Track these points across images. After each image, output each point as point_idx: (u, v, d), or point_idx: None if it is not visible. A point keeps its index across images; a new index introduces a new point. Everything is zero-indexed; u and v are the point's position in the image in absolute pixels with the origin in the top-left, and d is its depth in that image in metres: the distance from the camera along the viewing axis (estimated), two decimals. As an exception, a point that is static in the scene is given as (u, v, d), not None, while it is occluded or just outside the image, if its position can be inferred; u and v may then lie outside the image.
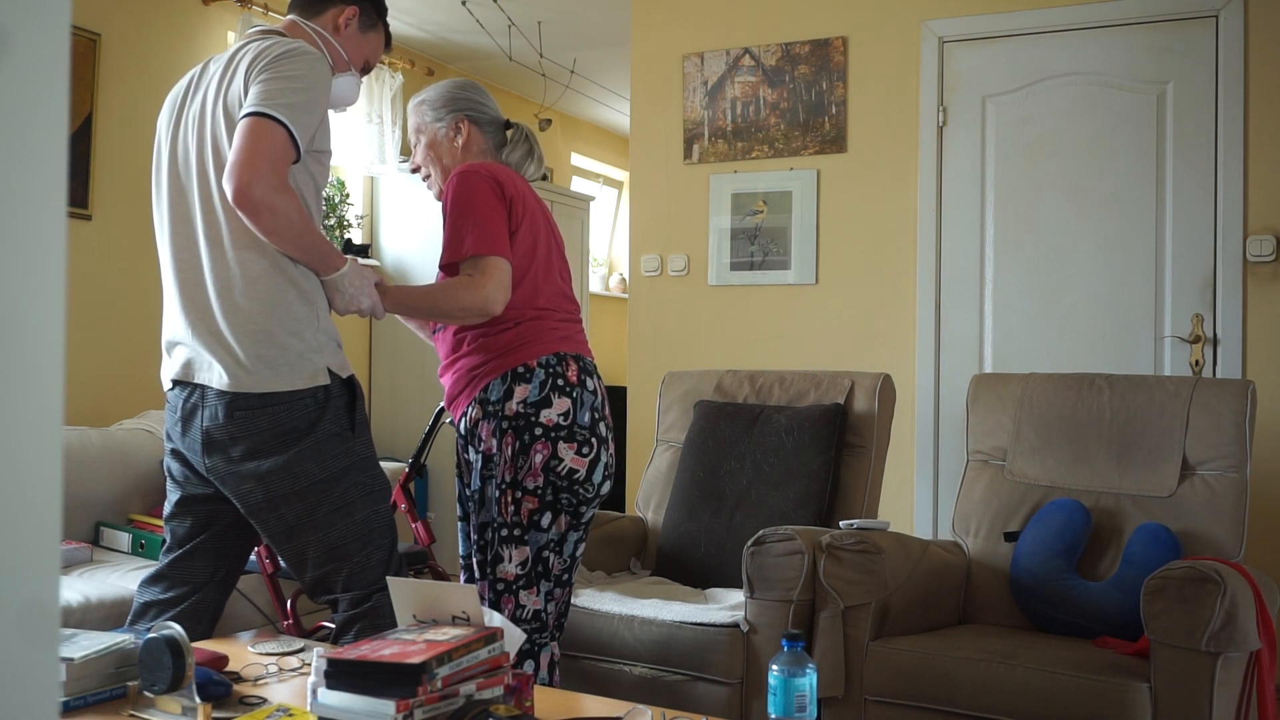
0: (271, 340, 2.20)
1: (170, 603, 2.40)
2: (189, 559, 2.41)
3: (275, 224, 2.13)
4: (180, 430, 2.30)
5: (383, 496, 2.35)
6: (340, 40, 2.43)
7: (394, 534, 2.37)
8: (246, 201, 2.10)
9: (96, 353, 4.18)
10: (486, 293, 2.36)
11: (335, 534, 2.27)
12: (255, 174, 2.09)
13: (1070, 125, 4.01)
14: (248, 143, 2.11)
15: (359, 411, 2.31)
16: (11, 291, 0.59)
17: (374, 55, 2.53)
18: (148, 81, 4.44)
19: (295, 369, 2.21)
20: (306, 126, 2.18)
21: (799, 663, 1.86)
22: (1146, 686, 2.40)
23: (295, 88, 2.17)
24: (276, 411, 2.20)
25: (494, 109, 2.66)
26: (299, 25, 2.42)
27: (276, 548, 2.32)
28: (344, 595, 2.31)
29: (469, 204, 2.41)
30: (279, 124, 2.12)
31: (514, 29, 5.64)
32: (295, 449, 2.21)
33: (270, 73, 2.18)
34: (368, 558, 2.30)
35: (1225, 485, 2.89)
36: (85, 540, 3.59)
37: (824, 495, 3.23)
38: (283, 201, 2.12)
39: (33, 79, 0.60)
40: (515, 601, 2.44)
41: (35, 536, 0.61)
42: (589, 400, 2.47)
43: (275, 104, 2.13)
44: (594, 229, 7.56)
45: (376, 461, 2.36)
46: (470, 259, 2.39)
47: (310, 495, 2.24)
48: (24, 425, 0.60)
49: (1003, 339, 4.08)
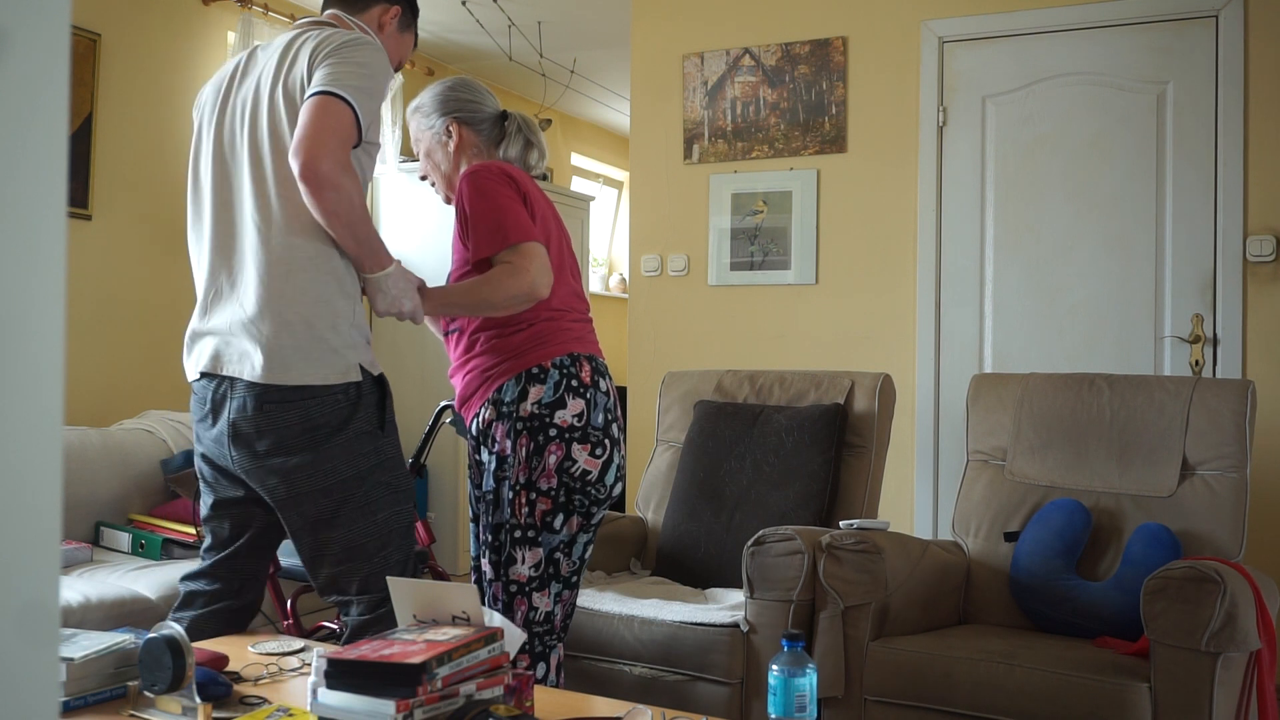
0: (310, 331, 2.17)
1: (216, 595, 2.39)
2: (233, 560, 2.39)
3: (338, 204, 2.10)
4: (209, 422, 2.27)
5: (406, 497, 2.33)
6: (382, 38, 2.42)
7: (413, 538, 2.34)
8: (314, 176, 2.07)
9: (96, 353, 4.18)
10: (531, 277, 2.33)
11: (356, 532, 2.24)
12: (324, 149, 2.06)
13: (1070, 125, 4.01)
14: (316, 119, 2.08)
15: (389, 410, 2.29)
16: (11, 291, 0.59)
17: (406, 56, 2.53)
18: (148, 81, 4.44)
19: (329, 363, 2.18)
20: (369, 113, 2.18)
21: (799, 663, 1.86)
22: (1146, 686, 2.40)
23: (362, 73, 2.16)
24: (308, 406, 2.17)
25: (487, 104, 2.61)
26: (345, 19, 2.39)
27: (296, 542, 2.30)
28: (360, 598, 2.28)
29: (489, 197, 2.38)
30: (347, 104, 2.11)
31: (514, 29, 5.64)
32: (325, 445, 2.18)
33: (337, 58, 2.17)
34: (386, 558, 2.27)
35: (1225, 485, 2.89)
36: (85, 540, 3.59)
37: (824, 495, 3.23)
38: (348, 181, 2.10)
39: (33, 79, 0.60)
40: (528, 604, 2.42)
41: (35, 536, 0.61)
42: (602, 401, 2.46)
43: (344, 85, 2.12)
44: (594, 229, 7.56)
45: (403, 462, 2.33)
46: (505, 249, 2.36)
47: (336, 492, 2.21)
48: (24, 425, 0.60)
49: (1003, 339, 4.08)
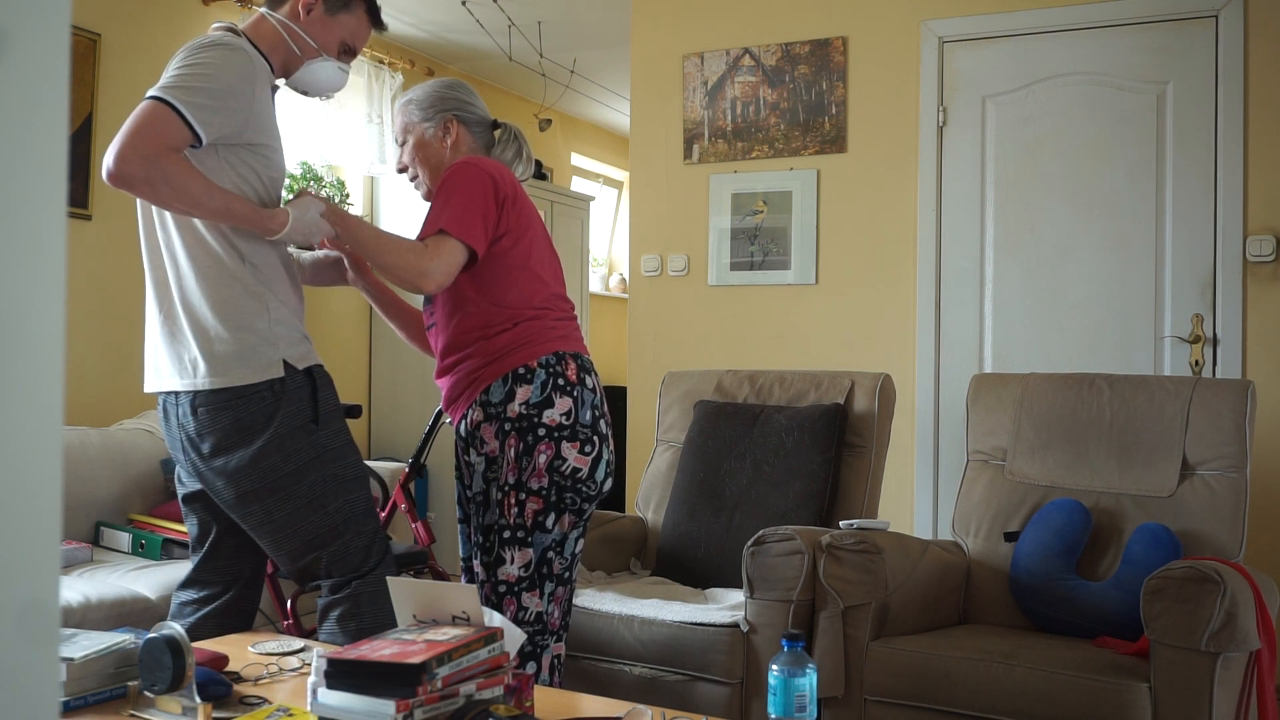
0: (222, 334, 2.23)
1: (205, 601, 2.44)
2: (212, 558, 2.45)
3: (158, 193, 2.12)
4: (166, 432, 2.36)
5: (357, 485, 2.36)
6: (304, 27, 2.39)
7: (374, 521, 2.38)
8: (118, 179, 2.10)
9: (96, 353, 4.18)
10: (429, 266, 2.33)
11: (308, 526, 2.29)
12: (122, 150, 2.08)
13: (1070, 125, 4.01)
14: (127, 124, 2.11)
15: (323, 403, 2.31)
16: (11, 291, 0.59)
17: (352, 37, 2.46)
18: (148, 81, 4.40)
19: (246, 363, 2.24)
20: (210, 110, 2.15)
21: (799, 663, 1.86)
22: (1146, 686, 2.40)
23: (197, 74, 2.16)
24: (236, 406, 2.23)
25: (482, 109, 2.63)
26: (265, 18, 2.40)
27: (257, 540, 2.36)
28: (325, 581, 2.35)
29: (456, 188, 2.39)
30: (165, 104, 2.12)
31: (514, 29, 5.64)
32: (257, 444, 2.23)
33: (177, 62, 2.20)
34: (345, 545, 2.32)
35: (1225, 485, 2.89)
36: (85, 540, 3.58)
37: (824, 495, 3.23)
38: (159, 170, 2.09)
39: (33, 79, 0.60)
40: (517, 604, 2.43)
41: (35, 536, 0.61)
42: (589, 398, 2.47)
43: (167, 88, 2.14)
44: (594, 229, 7.56)
45: (350, 450, 2.36)
46: (437, 234, 2.36)
47: (279, 490, 2.26)
48: (24, 425, 0.60)
49: (1003, 339, 4.08)
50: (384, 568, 2.37)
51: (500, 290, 2.43)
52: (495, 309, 2.43)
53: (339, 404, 2.38)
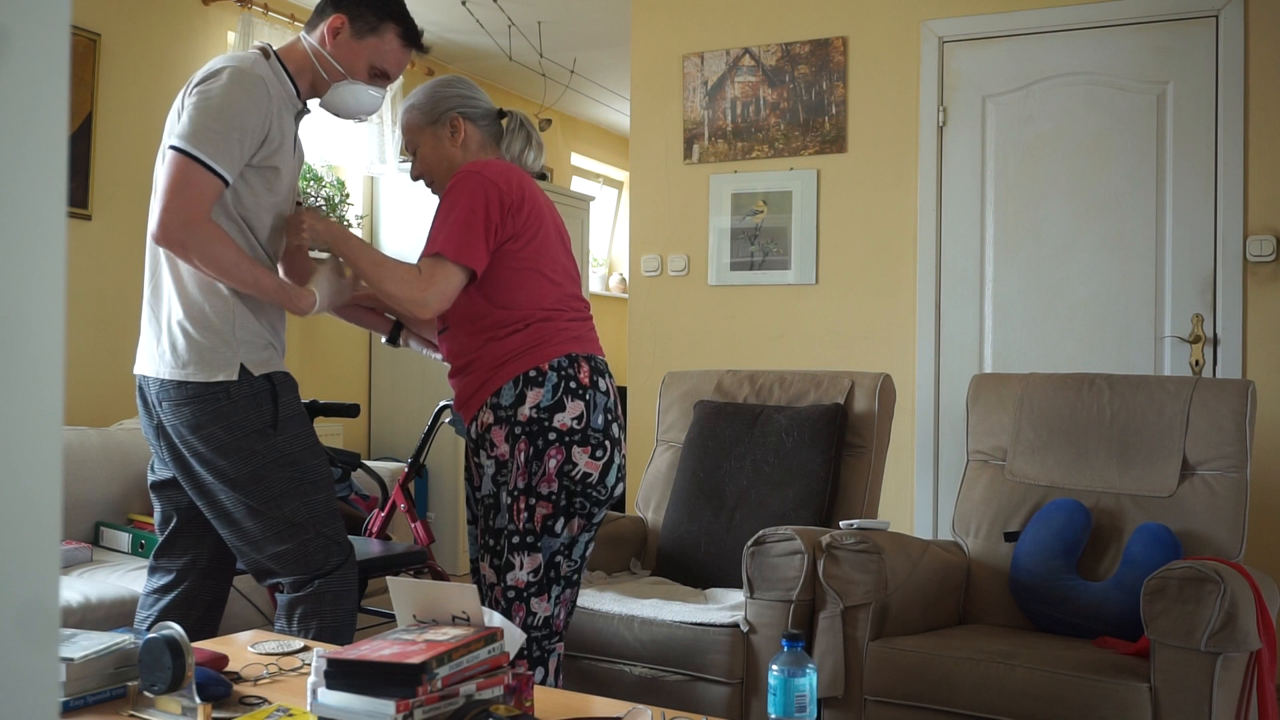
0: (186, 331, 2.29)
1: (163, 590, 2.49)
2: (169, 546, 2.50)
3: (203, 261, 2.22)
4: (142, 415, 2.42)
5: (316, 488, 2.38)
6: (332, 50, 2.42)
7: (335, 522, 2.40)
8: (163, 242, 2.22)
9: (96, 353, 4.18)
10: (424, 295, 2.32)
11: (264, 524, 2.32)
12: (164, 218, 2.19)
13: (1070, 125, 4.01)
14: (163, 184, 2.21)
15: (283, 408, 2.34)
16: (11, 291, 0.59)
17: (382, 60, 2.46)
18: (148, 81, 4.44)
19: (203, 360, 2.28)
20: (229, 152, 2.23)
21: (799, 663, 1.86)
22: (1146, 686, 2.40)
23: (213, 113, 2.22)
24: (193, 403, 2.29)
25: (484, 101, 2.59)
26: (299, 41, 2.46)
27: (218, 530, 2.39)
28: (285, 580, 2.38)
29: (455, 203, 2.36)
30: (193, 159, 2.19)
31: (514, 29, 5.64)
32: (213, 444, 2.29)
33: (193, 99, 2.26)
34: (303, 546, 2.35)
35: (1225, 485, 2.89)
36: (85, 540, 3.59)
37: (824, 495, 3.23)
38: (196, 237, 2.19)
39: (33, 79, 0.60)
40: (526, 609, 2.41)
41: (35, 536, 0.61)
42: (601, 402, 2.43)
43: (189, 136, 2.20)
44: (594, 229, 7.56)
45: (313, 453, 2.38)
46: (433, 256, 2.35)
47: (236, 489, 2.31)
48: (24, 425, 0.60)
49: (1003, 339, 4.08)
50: (346, 568, 2.40)
51: (509, 292, 2.40)
52: (504, 311, 2.40)
53: (301, 409, 2.41)
